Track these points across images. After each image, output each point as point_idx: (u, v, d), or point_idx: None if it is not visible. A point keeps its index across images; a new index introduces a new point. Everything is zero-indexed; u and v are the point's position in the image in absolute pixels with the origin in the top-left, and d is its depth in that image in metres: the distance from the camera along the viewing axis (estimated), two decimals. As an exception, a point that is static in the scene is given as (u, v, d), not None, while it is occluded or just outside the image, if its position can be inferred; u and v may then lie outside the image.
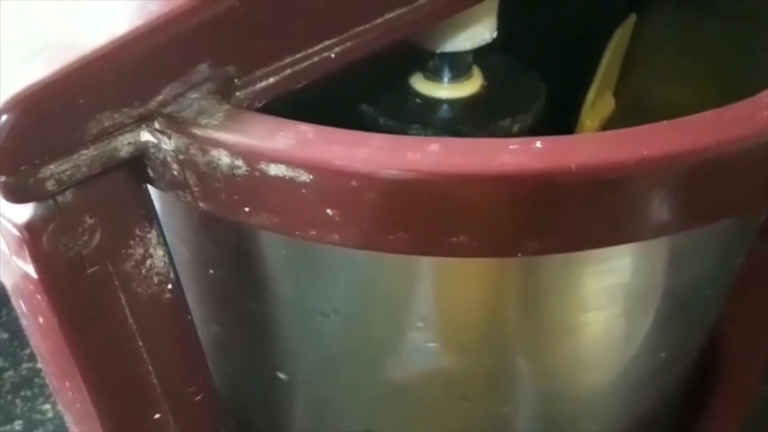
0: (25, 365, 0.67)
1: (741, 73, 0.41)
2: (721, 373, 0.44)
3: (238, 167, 0.22)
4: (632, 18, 0.44)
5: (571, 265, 0.30)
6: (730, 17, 0.42)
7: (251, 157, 0.22)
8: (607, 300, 0.32)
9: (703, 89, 0.44)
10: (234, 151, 0.22)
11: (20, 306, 0.27)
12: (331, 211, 0.22)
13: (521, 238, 0.22)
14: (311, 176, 0.22)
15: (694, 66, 0.45)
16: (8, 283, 0.27)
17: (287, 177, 0.22)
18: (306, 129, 0.23)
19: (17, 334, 0.69)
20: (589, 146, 0.21)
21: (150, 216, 0.25)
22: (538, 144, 0.21)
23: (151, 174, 0.24)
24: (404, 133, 0.37)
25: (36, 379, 0.66)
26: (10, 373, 0.67)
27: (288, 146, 0.22)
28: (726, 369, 0.44)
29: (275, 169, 0.22)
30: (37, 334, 0.27)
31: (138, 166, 0.24)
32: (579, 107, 0.45)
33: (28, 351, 0.68)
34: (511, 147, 0.21)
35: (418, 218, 0.22)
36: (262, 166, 0.22)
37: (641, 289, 0.33)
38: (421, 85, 0.38)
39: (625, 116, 0.48)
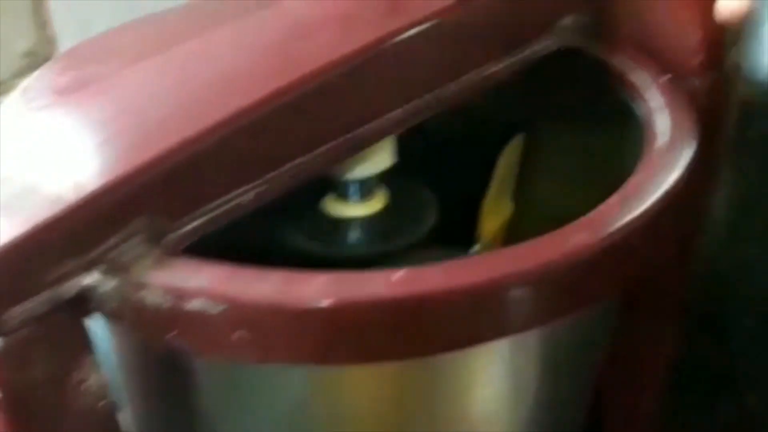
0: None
1: (611, 172, 0.48)
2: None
3: (165, 302, 0.28)
4: (518, 139, 0.52)
5: (456, 364, 0.36)
6: (596, 132, 0.49)
7: (175, 294, 0.28)
8: (491, 390, 0.38)
9: (584, 188, 0.51)
10: (162, 289, 0.28)
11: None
12: (238, 334, 0.28)
13: (392, 348, 0.29)
14: (224, 307, 0.28)
15: (576, 169, 0.52)
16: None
17: (204, 309, 0.28)
18: (219, 270, 0.29)
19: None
20: (434, 276, 0.28)
21: (88, 343, 0.30)
22: (399, 275, 0.28)
23: (92, 308, 0.30)
24: (318, 251, 0.43)
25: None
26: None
27: (205, 285, 0.28)
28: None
29: (195, 303, 0.28)
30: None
31: (81, 302, 0.29)
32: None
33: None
34: (374, 278, 0.28)
35: (309, 337, 0.28)
36: (184, 301, 0.28)
37: (520, 377, 0.38)
38: (332, 206, 0.45)
39: (523, 216, 0.55)
